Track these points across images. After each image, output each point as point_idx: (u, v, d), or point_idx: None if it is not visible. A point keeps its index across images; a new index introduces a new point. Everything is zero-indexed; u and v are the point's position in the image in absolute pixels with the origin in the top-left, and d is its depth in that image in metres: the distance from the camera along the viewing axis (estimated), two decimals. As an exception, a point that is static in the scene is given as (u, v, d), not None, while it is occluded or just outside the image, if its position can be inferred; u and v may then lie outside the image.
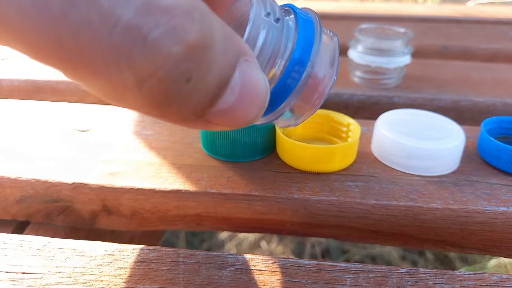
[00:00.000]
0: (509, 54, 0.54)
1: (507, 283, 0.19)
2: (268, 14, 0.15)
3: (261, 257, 0.21)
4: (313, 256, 0.73)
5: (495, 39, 0.57)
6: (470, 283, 0.19)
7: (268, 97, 0.14)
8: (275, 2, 0.16)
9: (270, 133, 0.27)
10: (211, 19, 0.12)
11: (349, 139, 0.27)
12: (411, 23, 0.66)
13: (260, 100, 0.14)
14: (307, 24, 0.15)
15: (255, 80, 0.14)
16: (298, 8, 0.16)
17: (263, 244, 0.76)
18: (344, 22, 0.67)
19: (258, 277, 0.20)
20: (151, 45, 0.11)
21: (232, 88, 0.13)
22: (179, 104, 0.13)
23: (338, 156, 0.25)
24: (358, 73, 0.41)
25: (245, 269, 0.20)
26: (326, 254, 0.74)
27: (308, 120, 0.29)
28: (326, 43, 0.17)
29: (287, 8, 0.17)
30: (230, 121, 0.14)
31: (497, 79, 0.43)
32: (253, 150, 0.27)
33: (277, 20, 0.15)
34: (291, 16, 0.16)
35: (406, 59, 0.40)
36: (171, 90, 0.12)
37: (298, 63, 0.15)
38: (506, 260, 0.65)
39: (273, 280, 0.20)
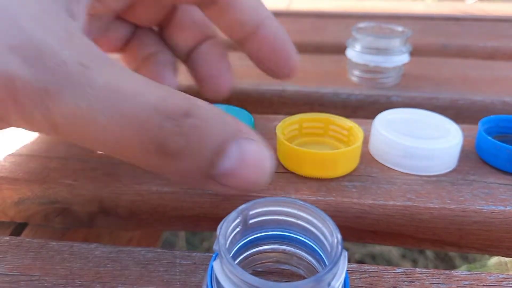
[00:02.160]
0: (508, 52, 0.54)
1: (504, 282, 0.19)
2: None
3: (257, 258, 0.21)
4: (313, 255, 0.73)
5: (494, 37, 0.57)
6: (466, 283, 0.19)
7: (270, 167, 0.18)
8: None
9: None
10: (203, 110, 0.17)
11: (351, 143, 0.27)
12: (410, 21, 0.66)
13: (263, 168, 0.18)
14: None
15: (253, 152, 0.18)
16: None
17: (263, 243, 0.76)
18: (342, 20, 0.67)
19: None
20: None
21: (229, 156, 0.17)
22: (181, 162, 0.17)
23: (342, 161, 0.25)
24: (356, 72, 0.41)
25: (241, 270, 0.20)
26: (326, 253, 0.74)
27: (308, 125, 0.29)
28: None
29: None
30: (238, 183, 0.18)
31: (496, 77, 0.43)
32: None
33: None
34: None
35: (404, 58, 0.39)
36: (170, 154, 0.17)
37: None
38: (507, 258, 0.65)
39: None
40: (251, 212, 0.18)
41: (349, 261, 0.18)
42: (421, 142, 0.26)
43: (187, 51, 0.30)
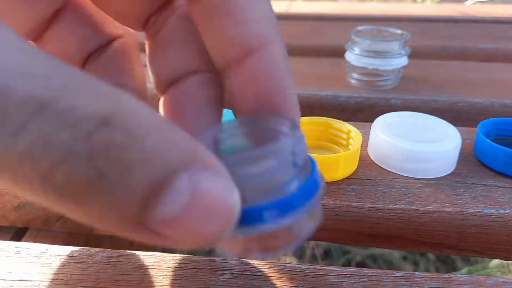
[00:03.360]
0: (507, 54, 0.54)
1: (503, 286, 0.19)
2: (294, 153, 0.15)
3: (257, 262, 0.21)
4: (314, 257, 0.73)
5: (493, 39, 0.57)
6: (466, 286, 0.19)
7: (235, 216, 0.12)
8: (304, 146, 0.16)
9: None
10: (136, 119, 0.11)
11: (350, 147, 0.27)
12: (410, 23, 0.66)
13: (222, 216, 0.12)
14: (315, 184, 0.16)
15: (212, 191, 0.12)
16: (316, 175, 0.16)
17: (264, 245, 0.76)
18: (341, 23, 0.67)
19: (254, 282, 0.20)
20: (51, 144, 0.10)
21: (175, 195, 0.11)
22: (97, 202, 0.11)
23: (342, 165, 0.25)
24: (355, 75, 0.41)
25: (241, 274, 0.20)
26: (327, 255, 0.74)
27: (307, 128, 0.29)
28: (317, 210, 0.17)
29: (308, 158, 0.16)
30: (183, 235, 0.12)
31: (495, 80, 0.43)
32: None
33: (295, 164, 0.15)
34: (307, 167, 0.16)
35: (403, 61, 0.40)
36: (83, 186, 0.11)
37: (288, 205, 0.15)
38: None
39: (269, 285, 0.20)
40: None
41: (349, 264, 0.18)
42: (419, 145, 0.26)
43: None
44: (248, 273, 0.20)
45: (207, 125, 0.18)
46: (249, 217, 0.14)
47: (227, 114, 0.20)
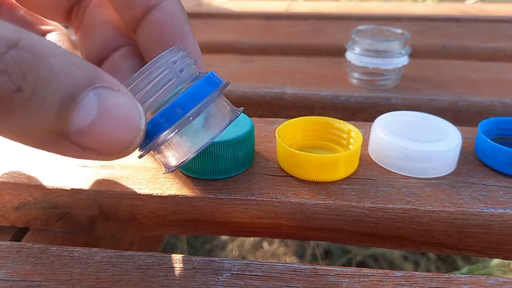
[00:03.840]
0: (508, 53, 0.54)
1: (503, 286, 0.19)
2: (175, 62, 0.18)
3: (257, 262, 0.21)
4: (315, 257, 0.73)
5: (494, 38, 0.57)
6: (466, 286, 0.19)
7: (141, 124, 0.15)
8: (190, 60, 0.19)
9: (251, 146, 0.27)
10: (41, 44, 0.13)
11: (350, 146, 0.27)
12: (410, 22, 0.66)
13: (129, 124, 0.14)
14: (207, 84, 0.18)
15: (117, 103, 0.14)
16: (217, 77, 0.19)
17: (265, 245, 0.76)
18: (343, 22, 0.67)
19: (254, 283, 0.20)
20: None
21: (85, 107, 0.14)
22: (21, 116, 0.13)
23: (342, 165, 0.25)
24: (355, 75, 0.41)
25: (241, 275, 0.20)
26: (327, 254, 0.74)
27: (308, 128, 0.29)
28: (220, 110, 0.19)
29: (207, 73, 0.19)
30: (100, 143, 0.14)
31: (496, 79, 0.42)
32: (234, 165, 0.26)
33: (181, 70, 0.18)
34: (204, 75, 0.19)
35: (403, 60, 0.40)
36: (2, 99, 0.13)
37: (178, 105, 0.17)
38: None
39: (269, 285, 0.20)
40: None
41: (350, 264, 0.18)
42: (420, 144, 0.26)
43: None
44: (247, 273, 0.20)
45: None
46: (152, 130, 0.17)
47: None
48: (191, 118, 0.17)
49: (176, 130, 0.17)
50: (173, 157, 0.19)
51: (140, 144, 0.16)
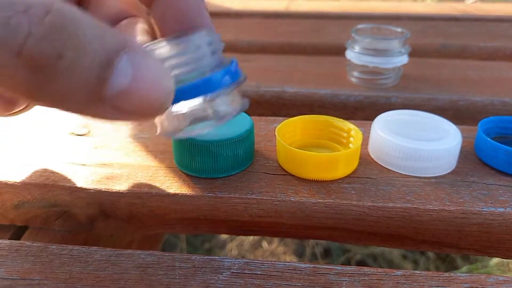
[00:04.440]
0: (508, 52, 0.54)
1: (503, 285, 0.19)
2: (210, 43, 0.19)
3: (257, 261, 0.21)
4: (314, 256, 0.73)
5: (494, 37, 0.57)
6: (466, 285, 0.19)
7: (171, 85, 0.16)
8: (221, 44, 0.20)
9: (251, 144, 0.27)
10: (74, 12, 0.14)
11: (350, 145, 0.27)
12: (410, 22, 0.66)
13: (162, 86, 0.15)
14: (231, 71, 0.19)
15: (148, 66, 0.15)
16: (236, 66, 0.20)
17: (264, 244, 0.76)
18: (342, 21, 0.67)
19: (254, 281, 0.20)
20: (13, 27, 0.13)
21: (121, 70, 0.14)
22: (62, 82, 0.13)
23: (342, 163, 0.25)
24: (355, 74, 0.41)
25: (241, 273, 0.20)
26: (327, 253, 0.74)
27: (308, 126, 0.29)
28: (234, 97, 0.21)
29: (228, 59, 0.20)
30: (136, 105, 0.15)
31: (495, 78, 0.42)
32: (234, 163, 0.26)
33: (214, 52, 0.19)
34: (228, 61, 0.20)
35: (403, 59, 0.40)
36: (45, 66, 0.13)
37: (208, 85, 0.18)
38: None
39: (269, 284, 0.20)
40: None
41: (349, 263, 0.18)
42: (420, 143, 0.26)
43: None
44: (247, 272, 0.20)
45: None
46: (179, 96, 0.17)
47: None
48: (208, 99, 0.18)
49: (198, 102, 0.19)
50: (175, 124, 0.20)
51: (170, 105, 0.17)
